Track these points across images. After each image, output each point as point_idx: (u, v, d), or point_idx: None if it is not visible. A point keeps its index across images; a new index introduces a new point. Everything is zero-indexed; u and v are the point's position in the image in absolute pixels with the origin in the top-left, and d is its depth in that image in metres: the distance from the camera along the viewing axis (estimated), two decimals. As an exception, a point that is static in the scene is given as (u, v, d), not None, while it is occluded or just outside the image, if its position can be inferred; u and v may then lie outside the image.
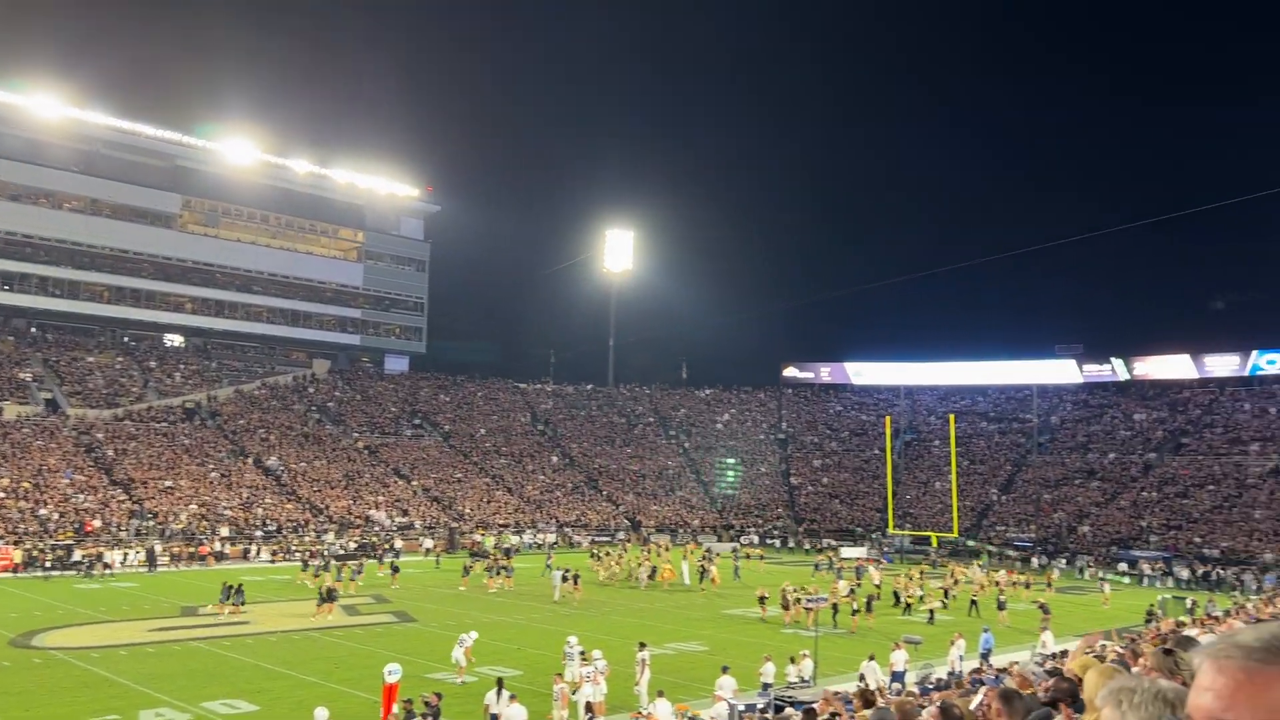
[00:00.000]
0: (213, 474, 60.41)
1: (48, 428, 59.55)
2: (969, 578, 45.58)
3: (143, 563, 47.57)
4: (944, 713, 5.06)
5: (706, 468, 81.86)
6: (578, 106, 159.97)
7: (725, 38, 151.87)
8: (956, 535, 60.59)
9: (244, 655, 27.06)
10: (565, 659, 22.64)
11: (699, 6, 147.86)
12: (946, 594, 40.75)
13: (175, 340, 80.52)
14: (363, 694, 22.35)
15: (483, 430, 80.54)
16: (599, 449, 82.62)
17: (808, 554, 63.45)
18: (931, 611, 36.68)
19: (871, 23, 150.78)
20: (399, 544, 55.57)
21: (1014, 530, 65.62)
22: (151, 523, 52.95)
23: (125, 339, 77.37)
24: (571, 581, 39.81)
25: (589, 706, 19.73)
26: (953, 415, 70.63)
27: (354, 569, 43.69)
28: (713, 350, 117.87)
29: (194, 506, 55.41)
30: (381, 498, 63.90)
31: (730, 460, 68.59)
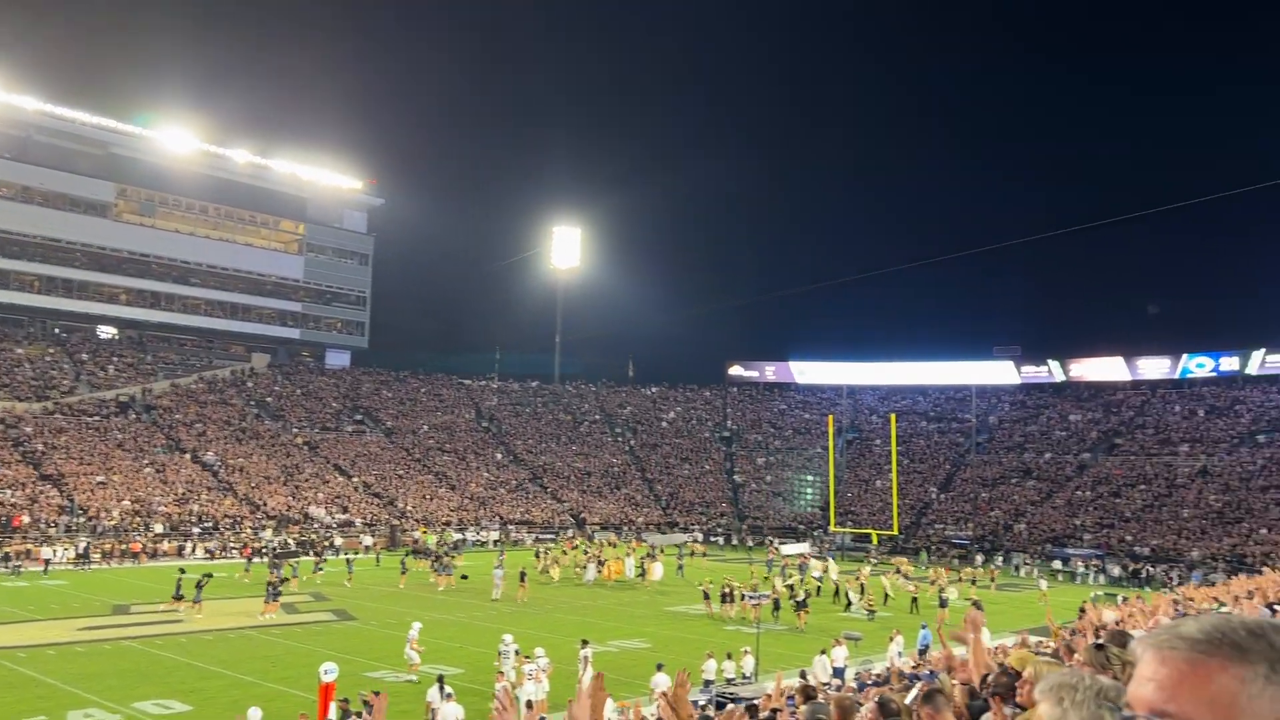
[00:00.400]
0: (147, 469, 59.06)
1: (-27, 421, 57.76)
2: (914, 574, 46.12)
3: (74, 560, 46.33)
4: (881, 707, 5.10)
5: (652, 465, 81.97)
6: (525, 102, 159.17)
7: (675, 36, 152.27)
8: (896, 533, 61.42)
9: (177, 654, 26.48)
10: (500, 657, 22.48)
11: (648, 3, 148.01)
12: (886, 595, 41.26)
13: (109, 332, 78.55)
14: (300, 693, 21.99)
15: (425, 426, 79.80)
16: (544, 446, 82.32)
17: (750, 551, 63.92)
18: (872, 608, 37.10)
19: (821, 24, 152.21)
20: (339, 541, 54.84)
21: (952, 528, 66.72)
22: (83, 519, 51.61)
23: (56, 330, 75.29)
24: (519, 579, 39.66)
25: (529, 704, 19.60)
26: (894, 415, 71.60)
27: (315, 564, 44.41)
28: (659, 348, 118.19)
29: (127, 502, 54.12)
30: (321, 494, 63.01)
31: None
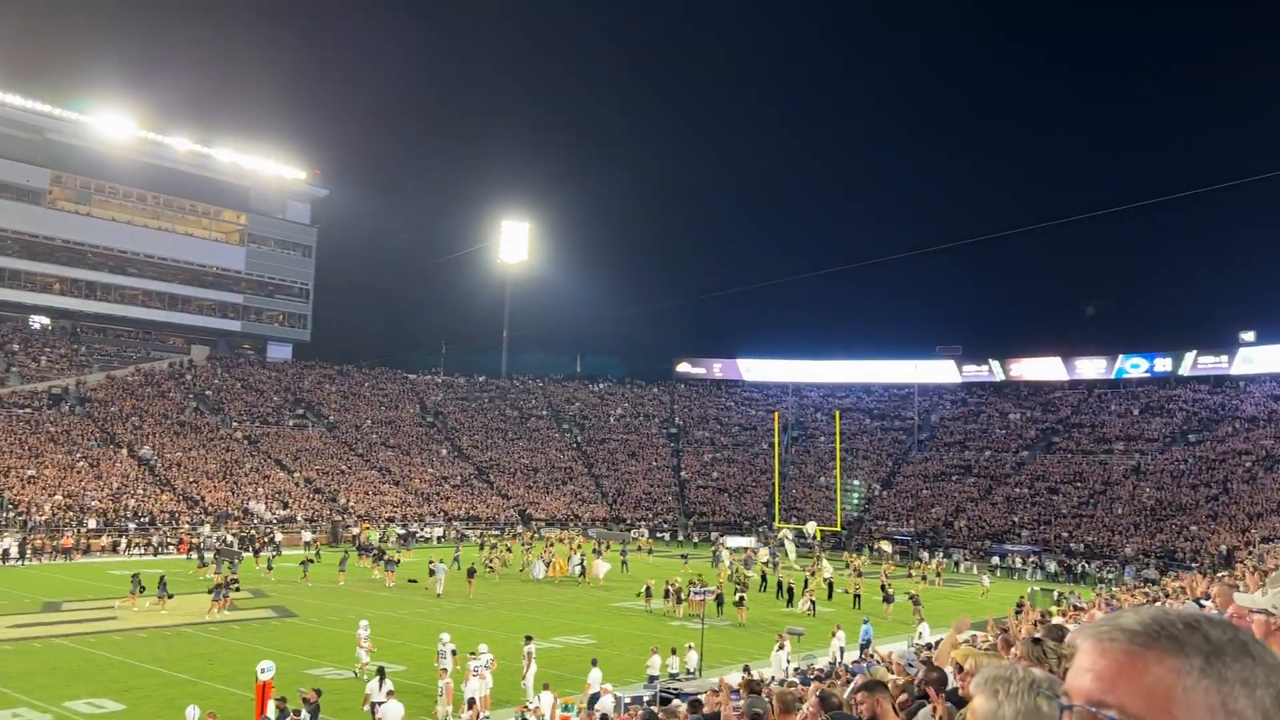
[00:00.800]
0: (80, 463, 57.59)
1: (-104, 412, 55.86)
2: (863, 569, 46.53)
3: (1, 556, 45.02)
4: (823, 701, 5.14)
5: (599, 461, 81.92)
6: (474, 94, 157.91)
7: (625, 30, 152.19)
8: (839, 529, 62.09)
9: (111, 652, 25.86)
10: (438, 656, 22.28)
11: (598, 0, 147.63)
12: (830, 590, 41.67)
13: (41, 322, 76.46)
14: (238, 691, 21.60)
15: (369, 421, 78.84)
16: (490, 441, 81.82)
17: (696, 547, 64.20)
18: (813, 603, 37.41)
19: (767, 23, 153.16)
20: (279, 537, 53.96)
21: (894, 524, 67.60)
22: (12, 514, 50.16)
23: (-14, 320, 73.19)
24: (466, 576, 39.43)
25: (472, 702, 19.50)
26: (838, 412, 72.36)
27: (267, 560, 43.77)
28: (608, 344, 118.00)
29: (59, 497, 52.72)
30: (261, 489, 61.96)
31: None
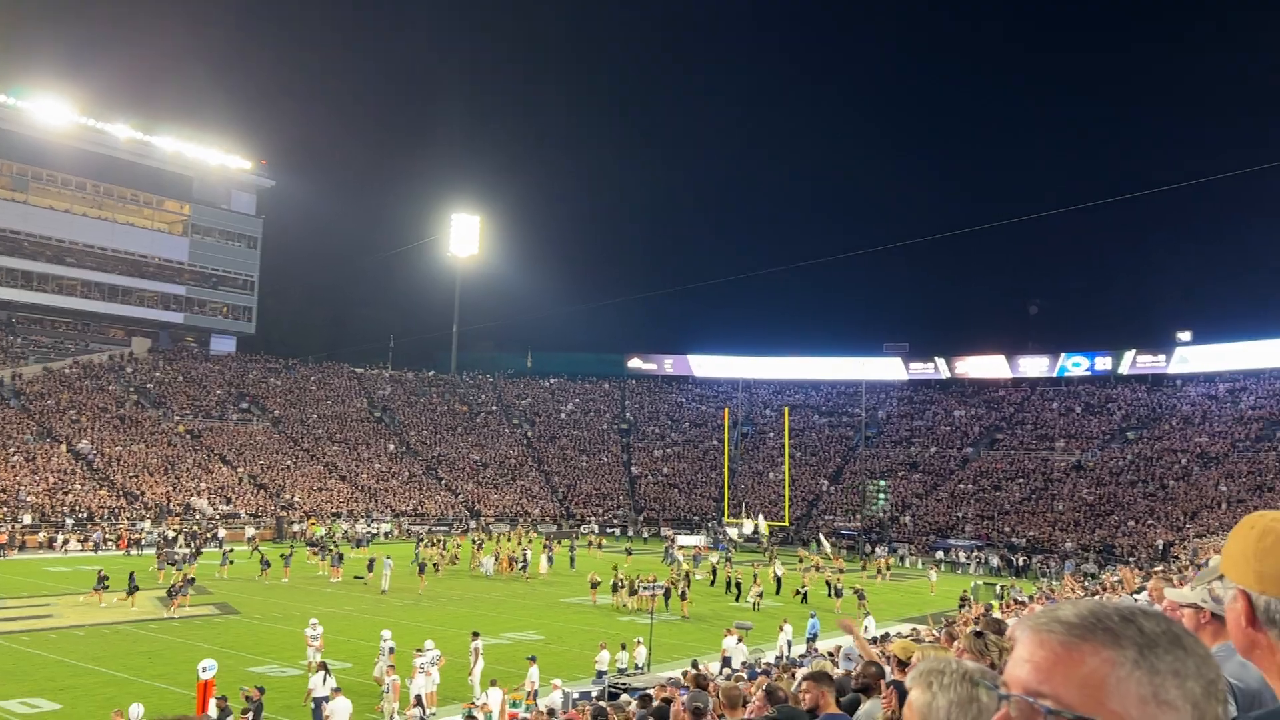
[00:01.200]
0: (15, 457, 56.10)
1: None
2: (821, 564, 46.89)
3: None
4: (769, 695, 5.17)
5: (549, 457, 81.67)
6: (425, 86, 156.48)
7: (577, 25, 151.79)
8: (788, 524, 62.60)
9: (46, 651, 25.23)
10: (379, 655, 22.07)
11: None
12: (779, 584, 41.98)
13: (-26, 313, 74.30)
14: (178, 690, 21.22)
15: (315, 415, 77.77)
16: (439, 437, 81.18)
17: (646, 542, 64.35)
18: (759, 597, 37.60)
19: (721, 23, 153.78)
20: (222, 533, 53.03)
21: (841, 520, 68.31)
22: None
23: (-85, 309, 70.96)
24: (417, 571, 39.14)
25: (418, 699, 19.35)
26: (787, 408, 72.91)
27: (222, 555, 42.78)
28: (559, 340, 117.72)
29: (-8, 492, 51.33)
30: (204, 484, 60.84)
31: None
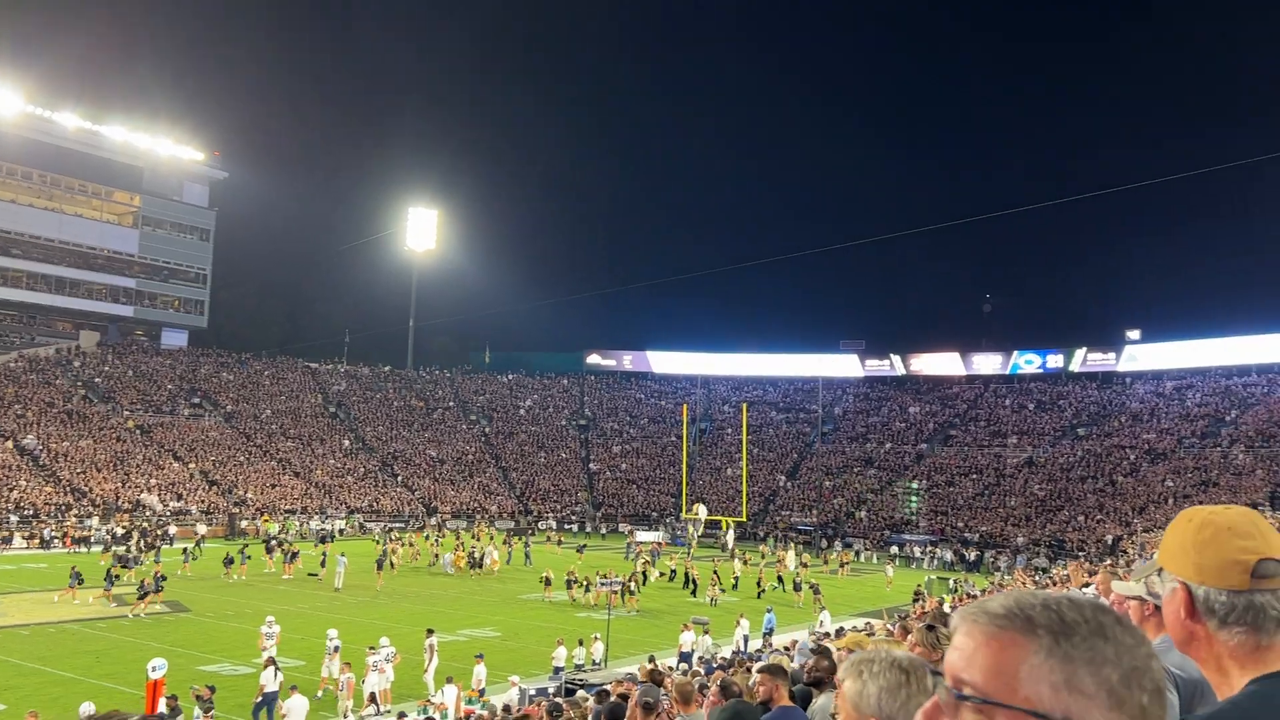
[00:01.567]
0: (-43, 453, 54.81)
1: None
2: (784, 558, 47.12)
3: None
4: (724, 689, 5.18)
5: (507, 453, 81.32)
6: (382, 77, 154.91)
7: (536, 20, 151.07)
8: (745, 519, 62.92)
9: (-12, 652, 24.67)
10: (326, 653, 21.85)
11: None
12: (736, 580, 42.18)
13: (-85, 305, 72.45)
14: (127, 689, 20.85)
15: (268, 411, 76.74)
16: (395, 433, 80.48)
17: (604, 538, 64.32)
18: (719, 591, 37.77)
19: (677, 14, 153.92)
20: (173, 530, 52.21)
21: (798, 515, 68.79)
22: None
23: None
24: (375, 567, 38.82)
25: (373, 697, 19.20)
26: (745, 405, 73.25)
27: (183, 552, 41.50)
28: (517, 335, 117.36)
29: (-67, 489, 50.09)
30: (154, 481, 59.81)
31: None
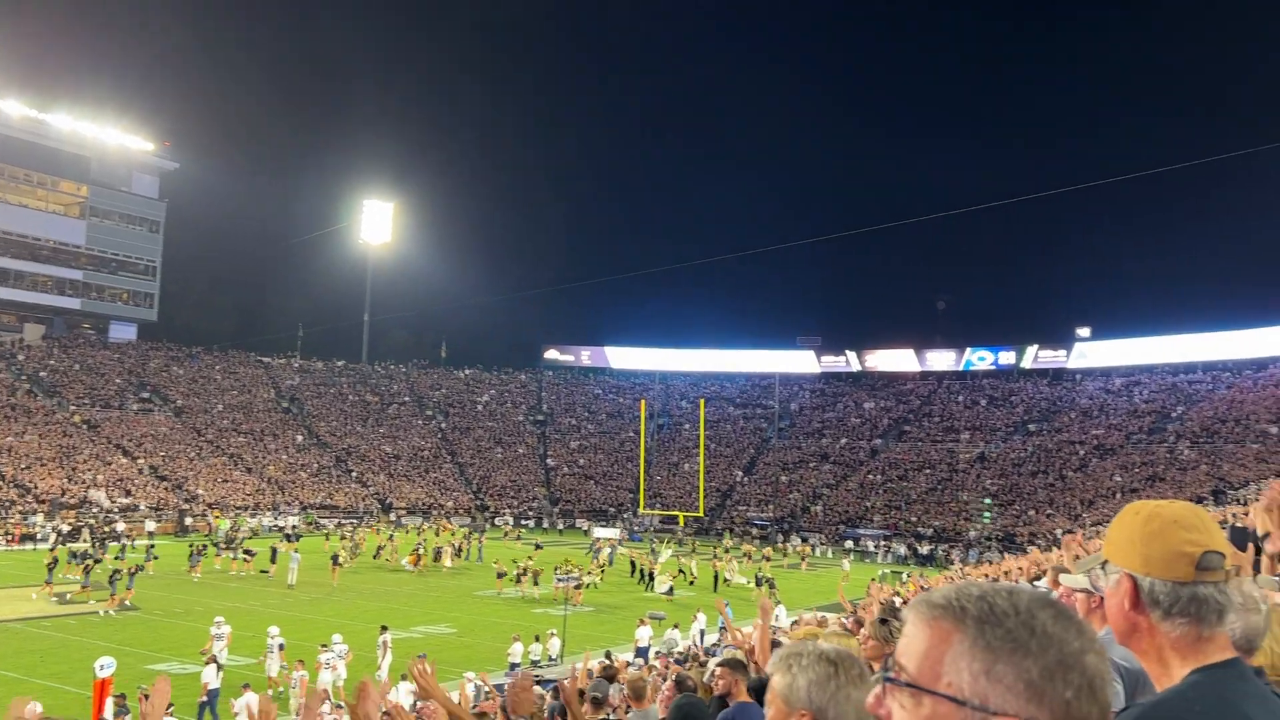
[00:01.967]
0: (-105, 449, 53.34)
1: None
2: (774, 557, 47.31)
3: None
4: (678, 684, 5.19)
5: (463, 449, 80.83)
6: (336, 67, 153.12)
7: (493, 12, 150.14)
8: (702, 514, 63.16)
9: (-74, 652, 24.05)
10: (267, 651, 21.56)
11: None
12: (684, 573, 42.26)
13: None
14: (73, 689, 20.44)
15: (220, 406, 75.59)
16: (349, 428, 79.64)
17: (561, 534, 64.22)
18: (670, 587, 37.85)
19: (634, 9, 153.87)
20: (121, 526, 51.25)
21: (754, 510, 69.17)
22: None
23: None
24: (330, 563, 38.39)
25: (325, 694, 18.95)
26: (703, 400, 73.53)
27: (146, 550, 40.21)
28: (474, 330, 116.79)
29: None
30: (102, 476, 58.67)
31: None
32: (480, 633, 28.97)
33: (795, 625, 19.24)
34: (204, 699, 18.64)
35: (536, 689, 16.23)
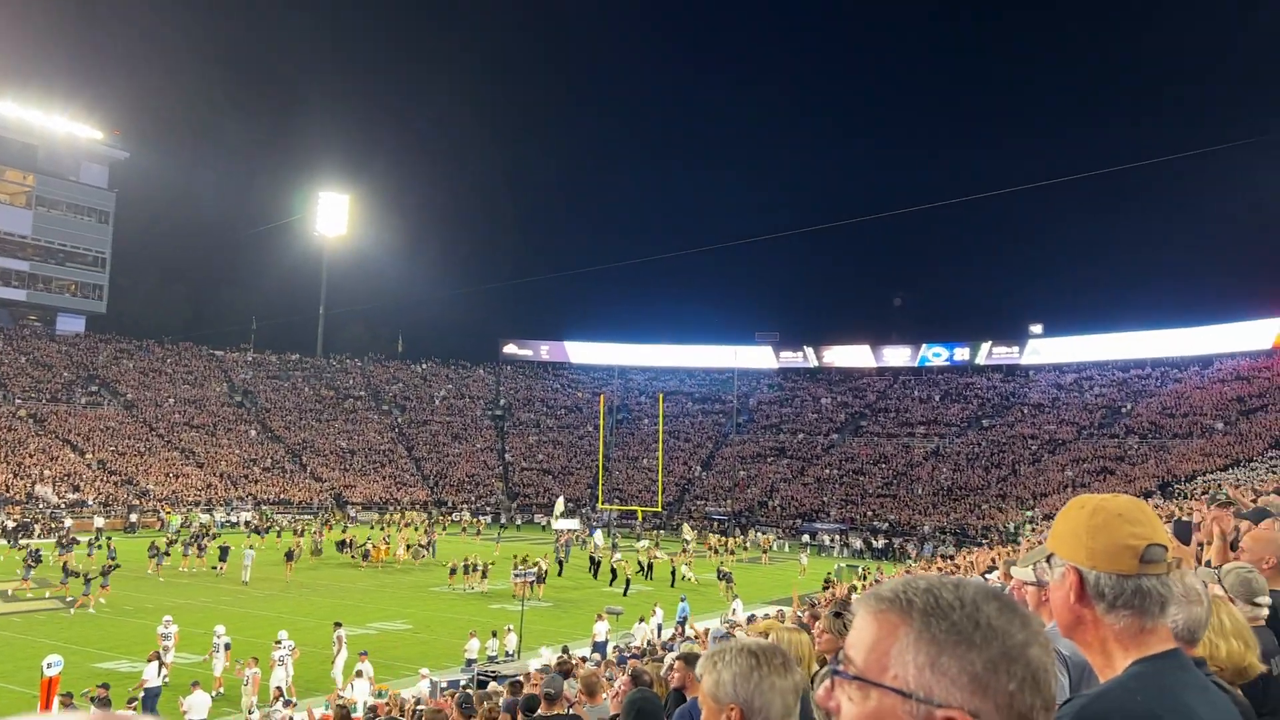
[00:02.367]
0: None
1: None
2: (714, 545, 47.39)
3: None
4: (634, 678, 5.19)
5: (420, 443, 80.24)
6: (291, 56, 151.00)
7: (445, 5, 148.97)
8: (660, 509, 63.26)
9: None
10: (212, 650, 21.24)
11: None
12: (650, 569, 42.30)
13: None
14: (17, 688, 20.02)
15: (171, 399, 74.35)
16: (304, 422, 78.71)
17: (520, 529, 63.98)
18: (628, 581, 37.83)
19: (594, 4, 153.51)
20: (69, 522, 50.23)
21: (713, 504, 69.43)
22: None
23: None
24: (284, 559, 37.90)
25: (279, 691, 18.76)
26: (662, 395, 73.60)
27: (107, 550, 38.89)
28: (432, 324, 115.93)
29: None
30: (49, 471, 57.46)
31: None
32: (436, 628, 28.78)
33: (752, 620, 19.36)
34: (141, 695, 18.17)
35: (494, 685, 16.17)
